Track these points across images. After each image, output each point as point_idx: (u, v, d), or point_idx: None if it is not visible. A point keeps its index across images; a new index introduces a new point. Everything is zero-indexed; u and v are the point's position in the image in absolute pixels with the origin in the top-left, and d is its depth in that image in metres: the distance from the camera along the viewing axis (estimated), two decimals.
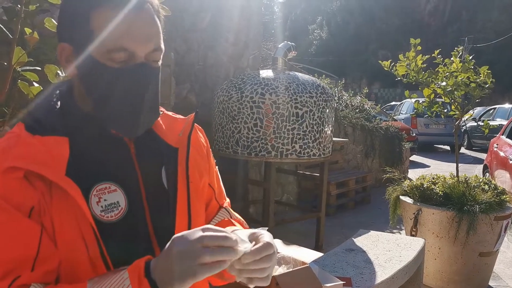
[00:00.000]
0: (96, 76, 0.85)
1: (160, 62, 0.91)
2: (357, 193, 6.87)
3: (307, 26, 51.34)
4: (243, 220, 1.17)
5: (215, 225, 1.04)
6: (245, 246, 0.79)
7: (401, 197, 3.92)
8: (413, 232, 3.66)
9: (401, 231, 4.88)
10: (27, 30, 1.36)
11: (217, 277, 0.91)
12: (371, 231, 3.28)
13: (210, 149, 1.14)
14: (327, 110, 3.92)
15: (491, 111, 14.45)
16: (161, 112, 1.02)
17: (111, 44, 0.82)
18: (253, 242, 0.83)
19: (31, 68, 1.28)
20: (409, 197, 3.87)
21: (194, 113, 1.04)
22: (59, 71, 1.40)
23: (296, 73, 4.16)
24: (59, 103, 0.92)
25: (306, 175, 5.32)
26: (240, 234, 0.83)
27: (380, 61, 4.06)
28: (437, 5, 42.73)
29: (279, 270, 2.23)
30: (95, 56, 0.84)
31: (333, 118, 4.16)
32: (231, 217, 1.14)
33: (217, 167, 1.18)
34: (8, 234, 0.77)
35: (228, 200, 1.21)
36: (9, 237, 0.77)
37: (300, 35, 47.89)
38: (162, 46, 0.90)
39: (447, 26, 40.64)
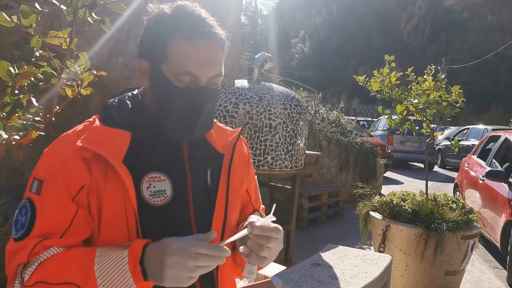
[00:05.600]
0: (165, 91, 1.03)
1: (219, 84, 1.08)
2: (329, 207, 6.86)
3: (289, 39, 51.90)
4: None
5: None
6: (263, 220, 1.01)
7: (370, 212, 3.92)
8: (381, 248, 3.65)
9: (371, 247, 4.87)
10: None
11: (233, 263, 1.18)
12: (339, 246, 3.25)
13: (251, 160, 1.32)
14: (301, 123, 3.91)
15: (465, 131, 14.74)
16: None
17: (181, 69, 1.00)
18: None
19: None
20: (379, 213, 3.87)
21: (241, 127, 1.25)
22: (11, 68, 1.35)
23: (272, 84, 4.14)
24: (129, 103, 1.11)
25: (278, 187, 5.28)
26: (254, 218, 1.05)
27: (354, 76, 4.08)
28: (416, 25, 43.73)
29: (239, 284, 2.18)
30: (166, 75, 1.01)
31: (307, 131, 4.15)
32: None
33: (256, 176, 1.36)
34: (53, 208, 0.96)
35: (263, 206, 1.40)
36: (52, 211, 0.96)
37: (283, 48, 48.35)
38: (223, 72, 1.07)
39: (425, 46, 41.58)
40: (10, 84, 1.39)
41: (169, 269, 0.88)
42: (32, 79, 1.53)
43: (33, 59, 1.64)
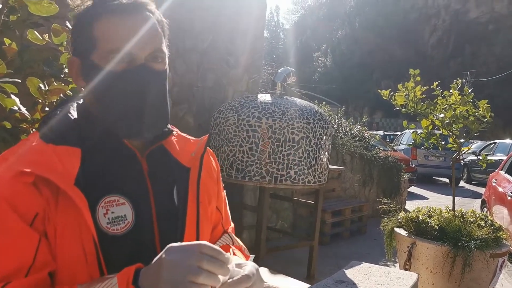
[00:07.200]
0: (100, 81, 0.89)
1: (166, 66, 0.95)
2: (353, 222, 6.76)
3: (311, 53, 52.00)
4: (244, 247, 1.19)
5: None
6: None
7: (395, 229, 3.84)
8: (406, 266, 3.57)
9: (395, 264, 4.77)
10: (6, 41, 1.33)
11: None
12: (363, 263, 3.18)
13: (220, 174, 1.18)
14: (324, 137, 3.88)
15: (492, 145, 14.42)
16: (175, 132, 1.07)
17: (111, 48, 0.87)
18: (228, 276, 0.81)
19: (11, 80, 1.25)
20: (404, 229, 3.78)
21: (207, 135, 1.09)
22: (41, 85, 1.37)
23: (294, 98, 4.13)
24: (75, 114, 0.95)
25: (301, 202, 5.24)
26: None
27: (379, 90, 4.04)
28: (440, 38, 43.29)
29: None
30: (98, 62, 0.89)
31: (330, 146, 4.11)
32: (232, 243, 1.15)
33: (225, 191, 1.20)
34: (7, 241, 0.77)
35: (232, 225, 1.23)
36: (7, 245, 0.77)
37: (305, 62, 48.46)
38: (165, 49, 0.94)
39: (450, 59, 41.08)
40: (40, 100, 1.42)
41: (165, 270, 0.72)
42: (61, 95, 1.56)
43: (62, 76, 1.68)
